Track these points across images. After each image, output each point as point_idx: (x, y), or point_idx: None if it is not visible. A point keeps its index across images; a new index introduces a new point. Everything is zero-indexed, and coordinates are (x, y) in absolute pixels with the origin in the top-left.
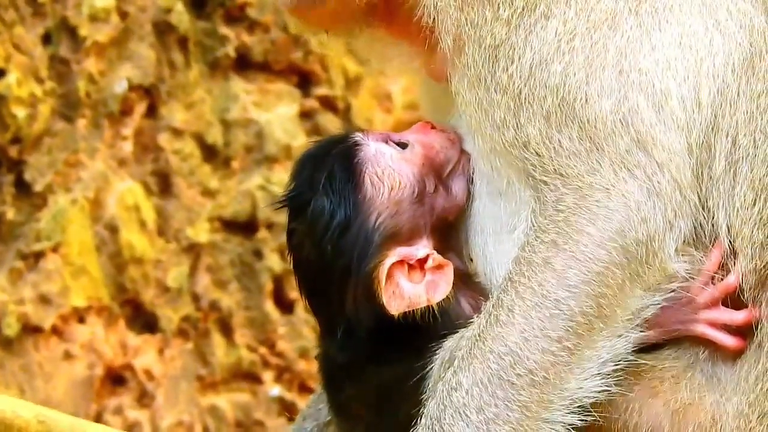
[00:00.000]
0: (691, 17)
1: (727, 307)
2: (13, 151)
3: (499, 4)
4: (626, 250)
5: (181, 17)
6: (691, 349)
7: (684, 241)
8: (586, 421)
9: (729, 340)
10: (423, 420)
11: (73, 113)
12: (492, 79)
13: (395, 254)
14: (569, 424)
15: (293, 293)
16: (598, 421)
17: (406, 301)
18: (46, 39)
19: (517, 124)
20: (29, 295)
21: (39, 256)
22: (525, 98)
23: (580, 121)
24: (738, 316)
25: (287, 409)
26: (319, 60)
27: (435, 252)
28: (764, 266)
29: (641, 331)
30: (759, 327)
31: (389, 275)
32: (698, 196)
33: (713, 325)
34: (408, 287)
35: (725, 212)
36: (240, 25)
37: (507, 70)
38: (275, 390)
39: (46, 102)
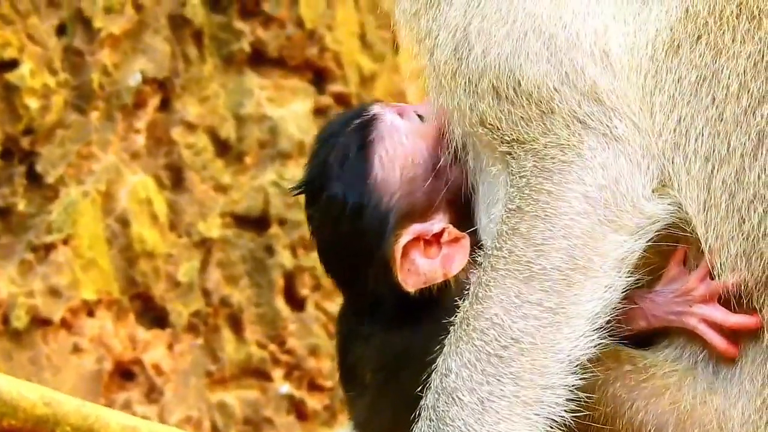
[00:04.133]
0: None
1: (740, 304)
2: (25, 143)
3: (412, 1)
4: (588, 197)
5: (196, 11)
6: (690, 351)
7: (661, 184)
8: (589, 407)
9: (719, 341)
10: (422, 412)
11: (87, 105)
12: (434, 71)
13: (410, 232)
14: (572, 386)
15: (304, 290)
16: (599, 411)
17: (422, 277)
18: (61, 30)
19: (470, 104)
20: (39, 288)
21: (49, 248)
22: (468, 80)
23: (524, 91)
24: (731, 319)
25: (296, 407)
26: (334, 57)
27: (450, 225)
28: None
29: (628, 278)
30: (764, 328)
31: (404, 253)
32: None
33: (706, 321)
34: (423, 263)
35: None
36: (255, 20)
37: (439, 60)
38: (284, 387)
39: (59, 93)
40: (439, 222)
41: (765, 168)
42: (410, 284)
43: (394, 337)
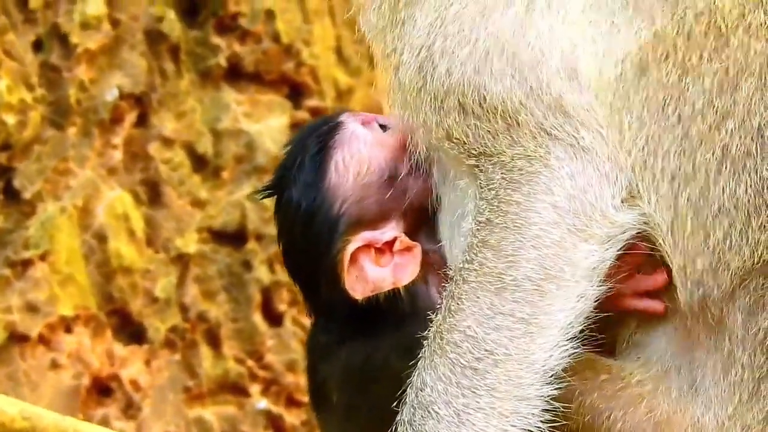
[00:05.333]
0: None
1: (704, 314)
2: (2, 158)
3: (378, 17)
4: (556, 207)
5: (173, 26)
6: (658, 357)
7: (630, 194)
8: (566, 418)
9: (656, 305)
10: (398, 427)
11: (64, 121)
12: (399, 87)
13: (359, 239)
14: (548, 396)
15: (282, 305)
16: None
17: (370, 285)
18: (37, 46)
19: (437, 120)
20: (16, 303)
21: (27, 264)
22: (434, 97)
23: (490, 106)
24: (659, 278)
25: (273, 423)
26: (311, 71)
27: (403, 234)
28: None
29: (600, 287)
30: (730, 336)
31: (353, 260)
32: (628, 159)
33: (638, 294)
34: (372, 271)
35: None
36: (232, 35)
37: (404, 77)
38: (262, 403)
39: (36, 109)
40: (391, 230)
41: (729, 181)
42: (358, 291)
43: (354, 348)
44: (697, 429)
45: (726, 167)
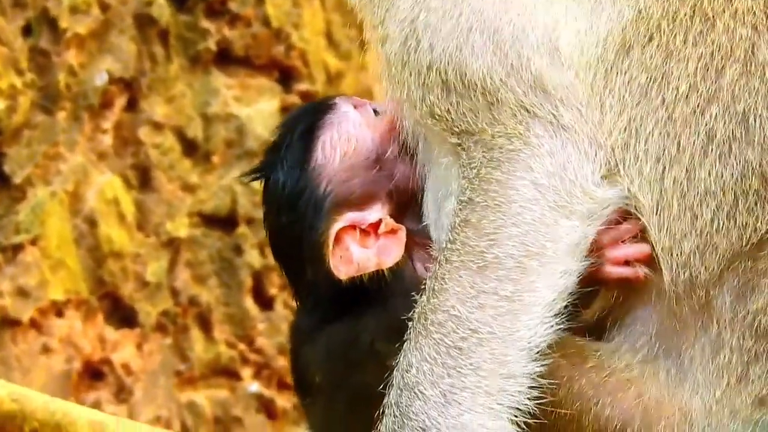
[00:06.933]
0: None
1: (690, 296)
2: None
3: None
4: (537, 184)
5: (162, 10)
6: (643, 341)
7: (610, 171)
8: (554, 405)
9: (635, 273)
10: (386, 409)
11: (53, 106)
12: (386, 61)
13: (344, 219)
14: (534, 374)
15: (273, 289)
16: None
17: (354, 265)
18: (27, 30)
19: (420, 96)
20: (7, 288)
21: (17, 248)
22: (417, 73)
23: (471, 83)
24: (646, 248)
25: (265, 406)
26: (301, 55)
27: (388, 217)
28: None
29: (583, 263)
30: (718, 319)
31: (338, 240)
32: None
33: (618, 263)
34: (357, 252)
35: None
36: (221, 19)
37: (390, 51)
38: (254, 386)
39: (26, 94)
40: (376, 212)
41: (715, 164)
42: (342, 272)
43: (337, 331)
44: (685, 413)
45: (712, 150)
